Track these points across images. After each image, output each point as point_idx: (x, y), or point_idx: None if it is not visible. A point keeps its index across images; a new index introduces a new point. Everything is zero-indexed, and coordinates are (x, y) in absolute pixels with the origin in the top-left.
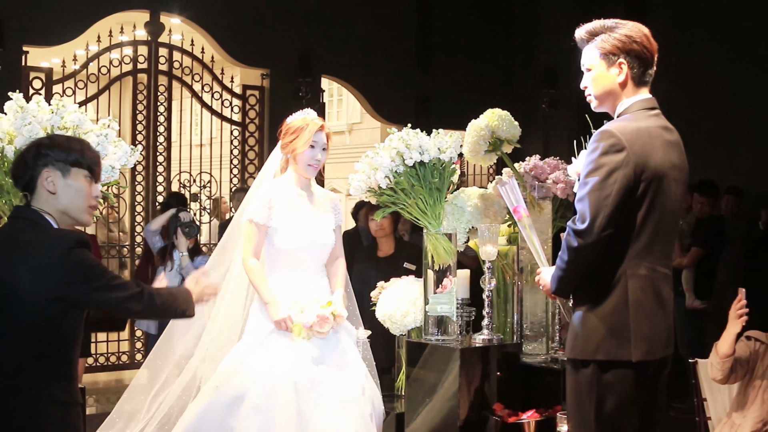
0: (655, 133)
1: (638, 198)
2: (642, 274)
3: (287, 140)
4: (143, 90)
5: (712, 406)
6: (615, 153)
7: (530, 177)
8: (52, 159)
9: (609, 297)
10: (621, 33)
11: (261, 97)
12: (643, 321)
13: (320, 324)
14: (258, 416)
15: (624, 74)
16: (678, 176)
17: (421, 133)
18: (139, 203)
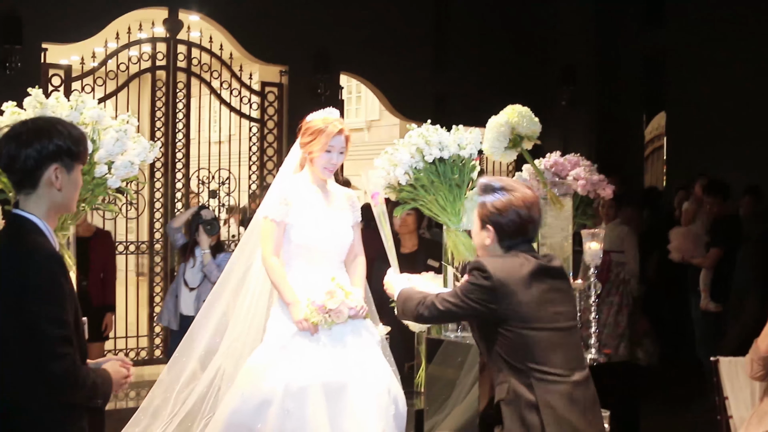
0: (525, 269)
1: (511, 327)
2: None
3: (305, 140)
4: (162, 87)
5: (734, 405)
6: (482, 279)
7: (550, 173)
8: (62, 153)
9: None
10: (489, 201)
11: (279, 94)
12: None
13: (332, 300)
14: (287, 421)
15: (490, 239)
16: (555, 296)
17: (441, 130)
18: (158, 200)
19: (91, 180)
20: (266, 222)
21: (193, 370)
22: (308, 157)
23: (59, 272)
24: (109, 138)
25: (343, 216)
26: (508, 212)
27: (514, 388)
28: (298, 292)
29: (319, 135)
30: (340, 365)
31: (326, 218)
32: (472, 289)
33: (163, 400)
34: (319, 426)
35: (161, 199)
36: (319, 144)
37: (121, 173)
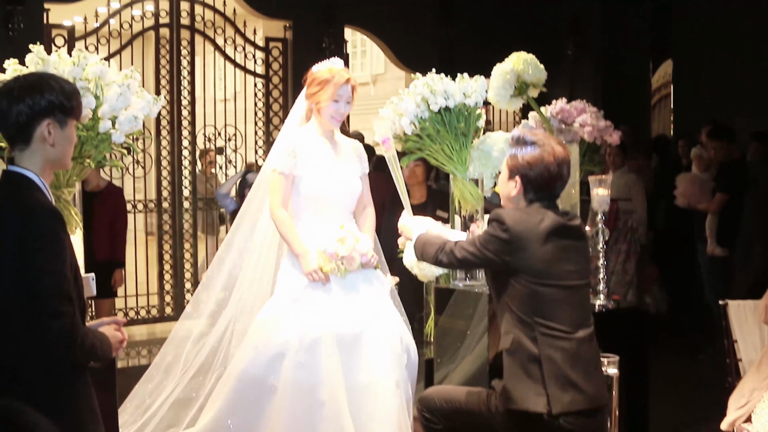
0: (545, 225)
1: (522, 279)
2: None
3: (312, 91)
4: (166, 45)
5: (743, 348)
6: (500, 232)
7: (557, 121)
8: (54, 108)
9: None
10: (519, 153)
11: (284, 49)
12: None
13: (343, 247)
14: (301, 372)
15: (517, 190)
16: (568, 255)
17: (446, 78)
18: (164, 158)
19: (96, 136)
20: (274, 174)
21: (204, 325)
22: (315, 108)
23: (58, 228)
24: (113, 93)
25: (351, 166)
26: (538, 166)
27: (519, 339)
28: (307, 243)
29: (326, 85)
30: (353, 316)
31: (335, 169)
32: (489, 240)
33: (174, 356)
34: (334, 378)
35: (168, 157)
36: (326, 94)
37: (125, 128)
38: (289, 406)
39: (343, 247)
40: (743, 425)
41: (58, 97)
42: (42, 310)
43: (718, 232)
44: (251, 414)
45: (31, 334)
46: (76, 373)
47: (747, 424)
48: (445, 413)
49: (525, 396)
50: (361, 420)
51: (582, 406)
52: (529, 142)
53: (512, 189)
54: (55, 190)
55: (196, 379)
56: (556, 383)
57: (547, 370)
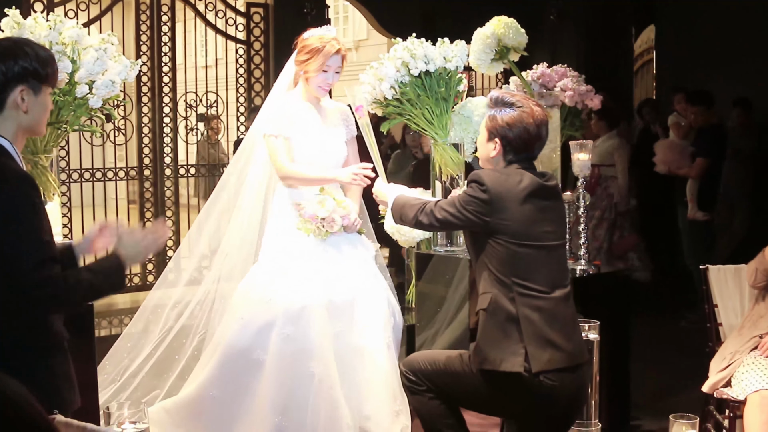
0: (523, 185)
1: (502, 239)
2: None
3: (301, 58)
4: (146, 11)
5: (723, 313)
6: (480, 192)
7: (538, 85)
8: (28, 75)
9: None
10: (498, 114)
11: (266, 15)
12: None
13: (322, 210)
14: (289, 345)
15: (496, 151)
16: (548, 216)
17: (426, 43)
18: (146, 125)
19: (73, 100)
20: (270, 139)
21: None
22: (303, 76)
23: (33, 194)
24: (89, 57)
25: (337, 132)
26: (518, 128)
27: (496, 299)
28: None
29: (316, 54)
30: (341, 281)
31: (321, 134)
32: (469, 200)
33: (154, 318)
34: (324, 348)
35: (149, 124)
36: (316, 63)
37: (102, 93)
38: (278, 379)
39: (322, 210)
40: (723, 389)
41: (32, 63)
42: (26, 281)
43: (699, 196)
44: (236, 387)
45: (11, 303)
46: (52, 340)
47: (727, 388)
48: (427, 375)
49: (501, 356)
50: (357, 382)
51: (562, 364)
52: (508, 103)
53: (491, 150)
54: (32, 156)
55: (178, 340)
56: (535, 342)
57: (526, 329)
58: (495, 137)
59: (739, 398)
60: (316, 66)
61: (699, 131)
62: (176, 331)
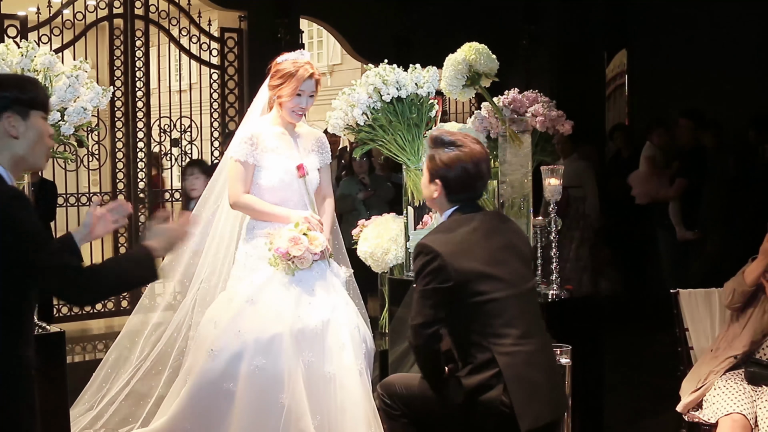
0: (473, 230)
1: (470, 291)
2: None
3: (274, 83)
4: (120, 36)
5: (694, 336)
6: (430, 262)
7: (509, 110)
8: (10, 101)
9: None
10: (437, 155)
11: (239, 40)
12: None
13: (294, 247)
14: (259, 376)
15: (438, 191)
16: (507, 256)
17: (398, 69)
18: (119, 149)
19: None
20: (233, 163)
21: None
22: (277, 101)
23: (29, 206)
24: (61, 84)
25: (309, 158)
26: (456, 167)
27: (480, 362)
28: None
29: (289, 79)
30: (310, 309)
31: (292, 160)
32: (428, 279)
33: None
34: (294, 378)
35: (123, 149)
36: (289, 88)
37: (74, 119)
38: (249, 411)
39: (295, 248)
40: (694, 413)
41: (12, 91)
42: (64, 285)
43: (684, 217)
44: (208, 419)
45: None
46: (21, 368)
47: (698, 411)
48: (403, 399)
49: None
50: (331, 410)
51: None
52: (446, 142)
53: (434, 191)
54: None
55: (155, 368)
56: (518, 386)
57: (507, 375)
58: (435, 178)
59: (710, 421)
60: (290, 90)
61: (684, 153)
62: (153, 358)
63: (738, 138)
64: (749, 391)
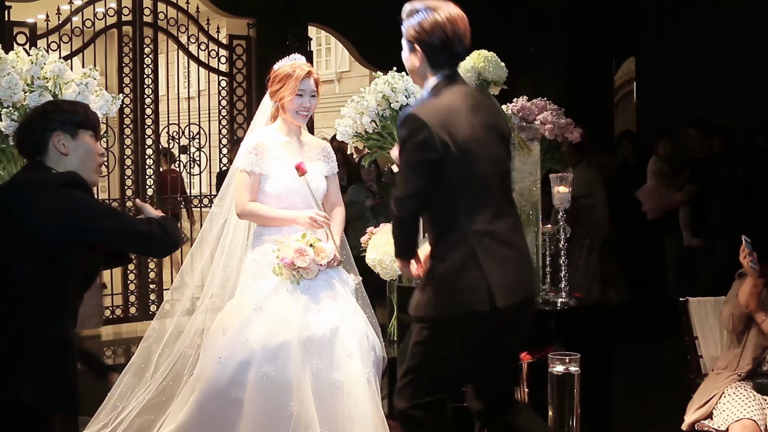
0: (455, 101)
1: (451, 165)
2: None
3: (275, 88)
4: (129, 43)
5: (704, 345)
6: (418, 132)
7: (518, 118)
8: (60, 122)
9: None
10: (415, 22)
11: (248, 47)
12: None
13: (300, 258)
14: (267, 384)
15: (419, 60)
16: (489, 135)
17: (407, 76)
18: (128, 157)
19: None
20: (239, 173)
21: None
22: (280, 105)
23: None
24: (71, 92)
25: (316, 165)
26: (435, 31)
27: (454, 240)
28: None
29: (287, 80)
30: (318, 317)
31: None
32: (415, 149)
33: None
34: (302, 386)
35: (132, 156)
36: (288, 89)
37: None
38: (257, 419)
39: (301, 259)
40: (704, 422)
41: (63, 112)
42: (147, 241)
43: (693, 224)
44: (217, 427)
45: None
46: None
47: (708, 420)
48: (421, 387)
49: (465, 298)
50: (339, 419)
51: (521, 297)
52: (421, 9)
53: (415, 60)
54: None
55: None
56: (492, 262)
57: (480, 251)
58: (415, 45)
59: (721, 429)
60: (290, 90)
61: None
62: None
63: (747, 145)
64: (759, 399)
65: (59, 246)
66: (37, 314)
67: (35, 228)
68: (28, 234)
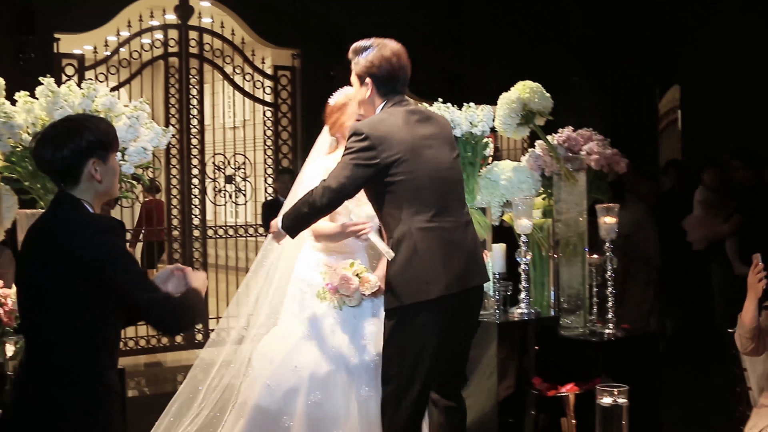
0: (398, 117)
1: (392, 172)
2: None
3: (333, 119)
4: (175, 74)
5: (752, 376)
6: (359, 141)
7: (563, 149)
8: (94, 148)
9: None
10: (365, 58)
11: (292, 78)
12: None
13: (345, 286)
14: (316, 411)
15: (370, 91)
16: (432, 143)
17: (452, 107)
18: (174, 186)
19: None
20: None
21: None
22: (340, 134)
23: (121, 236)
24: (122, 125)
25: None
26: (382, 64)
27: (400, 238)
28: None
29: (345, 108)
30: (364, 345)
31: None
32: (353, 155)
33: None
34: (348, 414)
35: (177, 185)
36: (347, 113)
37: (134, 159)
38: None
39: (345, 287)
40: None
41: (96, 135)
42: (148, 306)
43: (741, 253)
44: None
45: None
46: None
47: None
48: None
49: (413, 289)
50: None
51: (464, 286)
52: (367, 46)
53: (365, 92)
54: None
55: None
56: (441, 267)
57: (428, 256)
58: (365, 78)
59: None
60: (349, 114)
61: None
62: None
63: None
64: None
65: (99, 288)
66: (77, 359)
67: (78, 268)
68: (70, 275)
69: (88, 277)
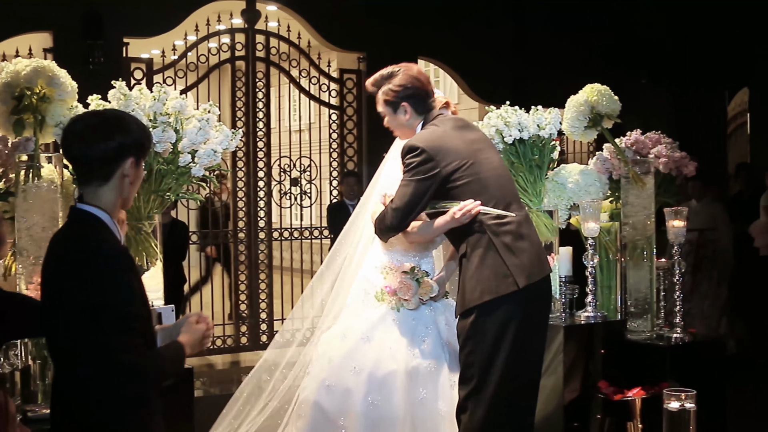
0: (445, 126)
1: (455, 178)
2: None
3: None
4: (241, 77)
5: None
6: (416, 156)
7: (631, 152)
8: (135, 147)
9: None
10: (394, 83)
11: (358, 81)
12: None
13: (403, 290)
14: (373, 412)
15: (407, 114)
16: (482, 146)
17: (520, 110)
18: (240, 188)
19: (176, 169)
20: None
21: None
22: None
23: (125, 267)
24: (192, 127)
25: None
26: (414, 84)
27: (471, 241)
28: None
29: None
30: (423, 348)
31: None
32: (413, 170)
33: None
34: (406, 416)
35: (244, 188)
36: None
37: (204, 162)
38: None
39: (403, 290)
40: None
41: (141, 136)
42: (110, 348)
43: None
44: None
45: (100, 373)
46: (146, 407)
47: None
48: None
49: (493, 285)
50: None
51: (540, 276)
52: (387, 75)
53: (403, 116)
54: (136, 222)
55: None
56: (512, 258)
57: (501, 248)
58: (401, 102)
59: None
60: None
61: None
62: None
63: None
64: None
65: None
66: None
67: (74, 299)
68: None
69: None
